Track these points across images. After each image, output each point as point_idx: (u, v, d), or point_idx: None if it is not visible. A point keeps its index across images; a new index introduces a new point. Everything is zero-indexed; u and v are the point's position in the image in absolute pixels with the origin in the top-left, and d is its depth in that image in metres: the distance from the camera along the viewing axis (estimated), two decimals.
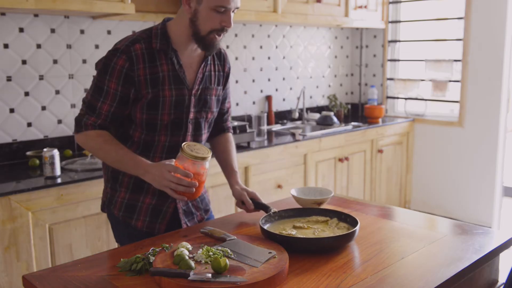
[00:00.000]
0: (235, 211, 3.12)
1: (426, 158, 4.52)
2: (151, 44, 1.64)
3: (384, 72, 4.75)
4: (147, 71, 1.62)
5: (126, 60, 1.60)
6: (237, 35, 3.83)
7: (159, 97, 1.65)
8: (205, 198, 1.91)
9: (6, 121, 2.76)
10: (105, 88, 1.62)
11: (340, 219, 1.62)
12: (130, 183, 1.74)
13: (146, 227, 1.74)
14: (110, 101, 1.62)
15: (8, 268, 2.24)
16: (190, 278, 1.19)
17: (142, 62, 1.61)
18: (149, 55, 1.63)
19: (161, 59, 1.65)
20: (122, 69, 1.60)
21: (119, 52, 1.61)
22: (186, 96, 1.69)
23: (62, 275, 1.30)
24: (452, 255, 1.43)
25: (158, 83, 1.64)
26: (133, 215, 1.74)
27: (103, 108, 1.63)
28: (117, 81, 1.60)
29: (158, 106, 1.65)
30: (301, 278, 1.28)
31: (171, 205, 1.76)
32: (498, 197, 4.21)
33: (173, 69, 1.66)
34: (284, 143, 3.38)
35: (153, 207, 1.74)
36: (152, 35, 1.65)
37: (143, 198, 1.74)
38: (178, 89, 1.67)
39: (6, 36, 2.71)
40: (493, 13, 4.00)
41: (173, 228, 1.76)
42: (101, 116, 1.63)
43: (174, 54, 1.66)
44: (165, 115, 1.67)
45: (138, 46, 1.62)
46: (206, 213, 1.89)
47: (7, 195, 2.20)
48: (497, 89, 4.05)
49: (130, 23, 3.18)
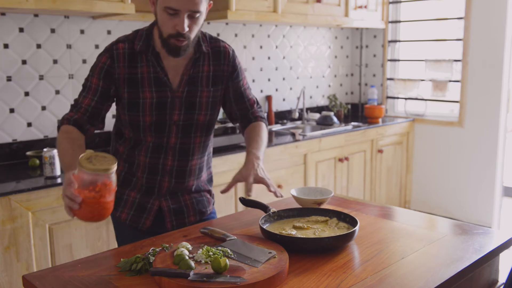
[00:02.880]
0: (235, 211, 3.12)
1: (426, 158, 4.52)
2: (134, 45, 1.65)
3: (384, 72, 4.75)
4: (126, 70, 1.64)
5: (108, 58, 1.64)
6: (237, 35, 3.83)
7: (138, 98, 1.65)
8: (204, 200, 1.86)
9: (6, 121, 2.76)
10: (88, 84, 1.68)
11: (340, 219, 1.62)
12: (120, 177, 1.76)
13: (130, 220, 1.77)
14: (91, 95, 1.66)
15: (8, 268, 2.24)
16: (190, 278, 1.19)
17: (123, 61, 1.64)
18: (130, 55, 1.64)
19: (142, 60, 1.65)
20: (104, 65, 1.64)
21: (104, 51, 1.66)
22: (169, 98, 1.67)
23: (62, 275, 1.30)
24: (452, 255, 1.43)
25: (136, 84, 1.65)
26: (118, 206, 1.77)
27: (84, 102, 1.66)
28: (98, 76, 1.65)
29: (139, 107, 1.66)
30: (301, 278, 1.28)
31: (156, 202, 1.76)
32: (498, 197, 4.21)
33: (154, 71, 1.66)
34: (284, 143, 3.38)
35: (138, 202, 1.76)
36: (137, 37, 1.66)
37: (129, 191, 1.77)
38: (159, 91, 1.66)
39: (6, 36, 2.71)
40: (493, 13, 4.00)
41: (159, 225, 1.77)
42: (80, 110, 1.66)
43: (155, 56, 1.65)
44: (147, 116, 1.67)
45: (121, 45, 1.65)
46: (202, 215, 1.85)
47: (7, 195, 2.20)
48: (497, 89, 4.05)
49: (130, 23, 3.18)
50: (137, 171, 1.75)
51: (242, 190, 3.15)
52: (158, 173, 1.74)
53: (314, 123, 4.17)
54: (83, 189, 1.28)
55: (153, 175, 1.74)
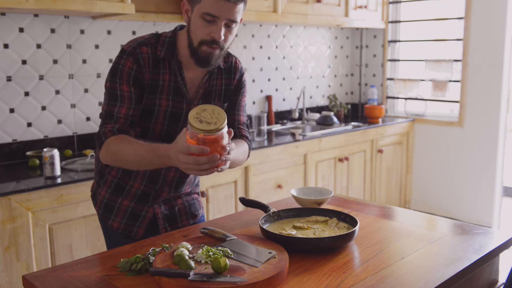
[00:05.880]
0: (235, 211, 3.12)
1: (426, 158, 4.52)
2: (156, 51, 1.59)
3: (384, 72, 4.75)
4: (150, 76, 1.59)
5: (134, 63, 1.56)
6: (237, 35, 3.81)
7: (154, 105, 1.61)
8: (195, 203, 1.86)
9: (6, 121, 2.76)
10: (118, 92, 1.57)
11: (340, 219, 1.62)
12: (113, 183, 1.72)
13: (122, 229, 1.73)
14: (127, 104, 1.57)
15: (8, 268, 2.24)
16: (190, 278, 1.19)
17: (147, 66, 1.58)
18: (153, 60, 1.59)
19: (164, 67, 1.60)
20: (131, 71, 1.56)
21: (125, 54, 1.57)
22: (184, 111, 1.64)
23: (62, 275, 1.30)
24: (452, 255, 1.43)
25: (156, 91, 1.60)
26: (110, 215, 1.74)
27: (121, 112, 1.56)
28: (128, 83, 1.56)
29: (152, 114, 1.61)
30: (301, 278, 1.28)
31: (150, 210, 1.73)
32: (498, 197, 4.21)
33: (175, 80, 1.62)
34: (284, 143, 3.38)
35: (131, 210, 1.72)
36: (159, 42, 1.61)
37: (122, 200, 1.72)
38: (175, 101, 1.63)
39: (6, 36, 2.71)
40: (493, 13, 4.00)
41: (153, 232, 1.74)
42: (119, 120, 1.56)
43: (178, 65, 1.61)
44: (158, 125, 1.63)
45: (145, 49, 1.58)
46: (194, 218, 1.85)
47: (7, 195, 2.20)
48: (497, 89, 4.05)
49: (130, 23, 3.18)
50: (135, 178, 1.70)
51: (242, 190, 3.15)
52: (158, 183, 1.71)
53: (314, 123, 4.17)
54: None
55: (152, 184, 1.71)
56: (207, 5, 1.48)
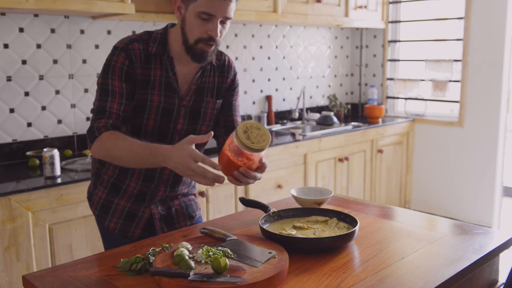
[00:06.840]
0: (235, 211, 3.12)
1: (426, 158, 4.52)
2: (148, 47, 1.61)
3: (384, 72, 4.75)
4: (141, 71, 1.61)
5: (126, 58, 1.58)
6: (237, 35, 3.83)
7: (146, 101, 1.62)
8: (192, 204, 1.87)
9: (6, 121, 2.76)
10: (110, 87, 1.58)
11: (340, 219, 1.62)
12: (109, 183, 1.72)
13: (119, 229, 1.73)
14: (118, 99, 1.58)
15: (8, 268, 2.24)
16: (190, 278, 1.19)
17: (139, 62, 1.60)
18: (145, 56, 1.61)
19: (156, 63, 1.62)
20: (123, 66, 1.58)
21: (117, 50, 1.59)
22: (176, 106, 1.65)
23: (62, 275, 1.30)
24: (452, 255, 1.43)
25: (148, 86, 1.61)
26: (107, 215, 1.74)
27: (113, 107, 1.57)
28: (119, 78, 1.58)
29: (145, 110, 1.62)
30: (301, 278, 1.28)
31: (147, 210, 1.74)
32: (498, 197, 4.21)
33: (166, 75, 1.63)
34: (284, 143, 3.38)
35: (127, 210, 1.72)
36: (151, 39, 1.63)
37: (118, 200, 1.72)
38: (167, 97, 1.64)
39: (6, 36, 2.71)
40: (493, 13, 4.00)
41: (150, 233, 1.74)
42: (112, 116, 1.57)
43: (169, 61, 1.63)
44: (151, 120, 1.63)
45: (137, 45, 1.60)
46: (191, 219, 1.85)
47: (7, 195, 2.20)
48: (497, 89, 4.05)
49: (130, 23, 3.18)
50: (131, 178, 1.70)
51: (242, 190, 3.15)
52: (153, 181, 1.71)
53: (314, 123, 4.17)
54: (235, 157, 1.41)
55: (148, 183, 1.71)
56: (203, 4, 1.50)
